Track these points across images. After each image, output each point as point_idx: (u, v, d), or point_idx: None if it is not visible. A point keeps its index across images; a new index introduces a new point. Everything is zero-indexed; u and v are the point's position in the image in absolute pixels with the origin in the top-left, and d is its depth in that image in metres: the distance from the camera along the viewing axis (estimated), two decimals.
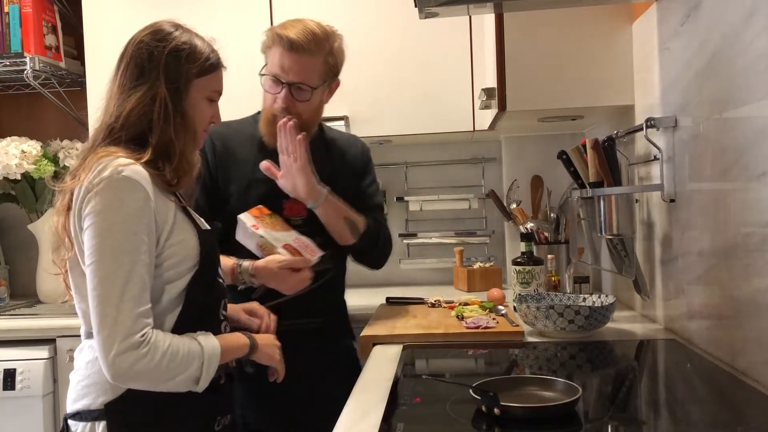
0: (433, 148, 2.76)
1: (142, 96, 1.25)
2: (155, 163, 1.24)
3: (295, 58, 1.64)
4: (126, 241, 1.15)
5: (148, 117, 1.25)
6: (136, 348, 1.12)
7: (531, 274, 1.95)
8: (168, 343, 1.15)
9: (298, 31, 1.64)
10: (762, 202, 1.17)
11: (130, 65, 1.28)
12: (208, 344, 1.21)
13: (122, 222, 1.16)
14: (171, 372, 1.15)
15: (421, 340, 1.65)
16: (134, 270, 1.15)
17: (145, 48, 1.28)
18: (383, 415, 1.12)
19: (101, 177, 1.17)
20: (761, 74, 1.15)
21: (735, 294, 1.28)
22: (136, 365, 1.12)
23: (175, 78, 1.27)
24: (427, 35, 2.38)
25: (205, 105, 1.33)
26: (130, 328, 1.12)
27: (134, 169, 1.19)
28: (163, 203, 1.23)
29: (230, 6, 2.46)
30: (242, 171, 1.72)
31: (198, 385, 1.19)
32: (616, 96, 1.87)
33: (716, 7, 1.32)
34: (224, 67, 1.37)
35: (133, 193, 1.17)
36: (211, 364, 1.20)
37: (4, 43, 2.51)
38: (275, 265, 1.56)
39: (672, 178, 1.58)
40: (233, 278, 1.59)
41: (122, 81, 1.28)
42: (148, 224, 1.18)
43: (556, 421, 1.05)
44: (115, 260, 1.14)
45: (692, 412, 1.15)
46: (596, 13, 1.86)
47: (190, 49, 1.29)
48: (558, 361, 1.49)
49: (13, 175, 2.49)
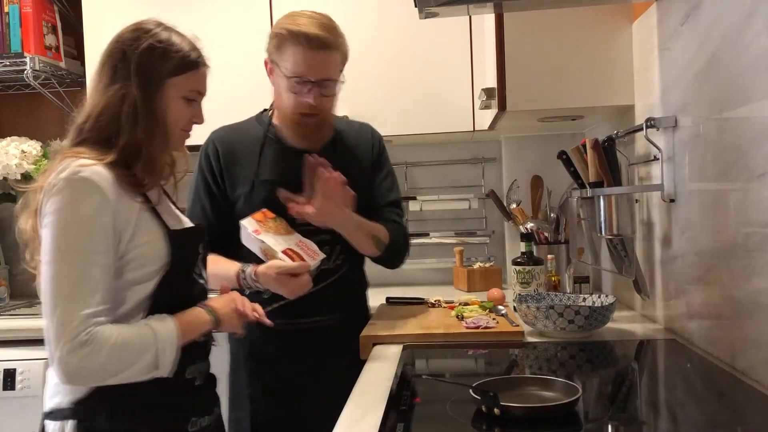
0: (433, 148, 2.76)
1: (112, 96, 1.25)
2: (121, 163, 1.23)
3: (318, 55, 1.61)
4: (79, 241, 1.15)
5: (117, 117, 1.24)
6: (80, 347, 1.11)
7: (531, 274, 1.95)
8: (115, 337, 1.14)
9: (312, 26, 1.60)
10: (762, 202, 1.17)
11: (106, 65, 1.28)
12: (162, 328, 1.20)
13: (76, 222, 1.15)
14: (124, 363, 1.15)
15: (421, 340, 1.64)
16: (86, 271, 1.14)
17: (120, 47, 1.27)
18: (383, 415, 1.12)
19: (59, 178, 1.17)
20: (761, 74, 1.15)
21: (735, 294, 1.28)
22: (81, 364, 1.12)
23: (147, 77, 1.25)
24: (427, 35, 2.38)
25: (182, 104, 1.30)
26: (75, 329, 1.11)
27: (94, 170, 1.18)
28: (127, 205, 1.22)
29: (230, 5, 2.46)
30: (246, 174, 1.69)
31: (158, 370, 1.18)
32: (616, 96, 1.87)
33: (716, 7, 1.32)
34: (206, 66, 1.35)
35: (89, 194, 1.17)
36: (167, 347, 1.19)
37: (4, 43, 2.52)
38: (273, 272, 1.54)
39: (672, 178, 1.58)
40: (239, 282, 1.58)
41: (98, 81, 1.28)
42: (105, 226, 1.17)
43: (556, 421, 1.05)
44: (67, 260, 1.14)
45: (692, 412, 1.15)
46: (596, 13, 1.86)
47: (164, 47, 1.27)
48: (558, 361, 1.49)
49: (13, 175, 2.49)
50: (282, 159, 1.71)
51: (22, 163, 2.49)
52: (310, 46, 1.59)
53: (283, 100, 1.67)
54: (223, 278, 1.56)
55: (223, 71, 2.43)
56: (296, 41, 1.60)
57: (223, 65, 2.44)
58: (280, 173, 1.69)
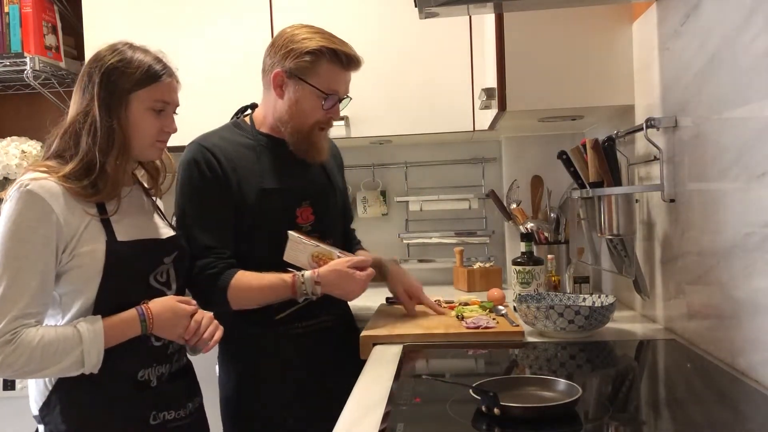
0: (433, 148, 2.76)
1: (78, 113, 1.37)
2: (79, 175, 1.34)
3: (350, 74, 1.71)
4: (15, 248, 1.26)
5: (78, 133, 1.36)
6: (4, 345, 1.22)
7: (531, 274, 1.95)
8: (39, 338, 1.24)
9: (345, 46, 1.67)
10: (762, 202, 1.17)
11: (79, 85, 1.40)
12: (89, 331, 1.28)
13: (14, 230, 1.26)
14: (47, 362, 1.25)
15: (421, 340, 1.64)
16: (18, 276, 1.25)
17: (88, 69, 1.39)
18: (383, 415, 1.12)
19: (11, 189, 1.30)
20: (761, 74, 1.15)
21: (735, 294, 1.28)
22: (6, 361, 1.23)
23: (108, 95, 1.36)
24: (427, 35, 2.38)
25: (150, 116, 1.40)
26: (2, 328, 1.23)
27: (41, 183, 1.29)
28: (77, 216, 1.32)
29: (230, 6, 2.46)
30: (251, 183, 1.67)
31: (84, 368, 1.28)
32: (616, 96, 1.87)
33: (716, 7, 1.32)
34: (171, 77, 1.43)
35: (31, 205, 1.27)
36: (92, 349, 1.27)
37: (4, 43, 2.52)
38: (343, 266, 1.61)
39: (672, 178, 1.58)
40: (294, 291, 1.60)
41: (72, 100, 1.41)
42: (45, 235, 1.27)
43: (556, 421, 1.05)
44: (2, 264, 1.26)
45: (692, 412, 1.14)
46: (596, 13, 1.86)
47: (123, 65, 1.37)
48: (558, 361, 1.49)
49: (13, 175, 2.49)
50: (283, 167, 1.72)
51: (22, 163, 2.49)
52: (349, 66, 1.68)
53: (303, 113, 1.68)
54: (274, 288, 1.60)
55: (222, 75, 2.45)
56: (336, 60, 1.65)
57: (224, 68, 2.45)
58: (284, 181, 1.71)
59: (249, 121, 1.76)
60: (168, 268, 1.43)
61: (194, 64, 2.38)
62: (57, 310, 1.33)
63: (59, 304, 1.33)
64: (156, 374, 1.40)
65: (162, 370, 1.41)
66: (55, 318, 1.34)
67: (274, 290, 1.61)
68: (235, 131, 1.73)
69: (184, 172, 1.66)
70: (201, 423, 1.53)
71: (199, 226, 1.62)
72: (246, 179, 1.66)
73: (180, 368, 1.48)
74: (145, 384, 1.38)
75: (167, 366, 1.43)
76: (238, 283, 1.60)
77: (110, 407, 1.35)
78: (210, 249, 1.61)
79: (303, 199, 1.72)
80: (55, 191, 1.29)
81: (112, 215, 1.37)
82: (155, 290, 1.40)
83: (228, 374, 1.73)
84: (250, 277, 1.61)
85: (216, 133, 1.72)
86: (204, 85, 2.39)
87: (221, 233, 1.64)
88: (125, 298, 1.35)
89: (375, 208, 2.73)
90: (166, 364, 1.43)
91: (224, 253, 1.63)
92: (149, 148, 1.43)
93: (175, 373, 1.45)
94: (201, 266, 1.60)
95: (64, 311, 1.33)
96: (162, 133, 1.43)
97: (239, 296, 1.60)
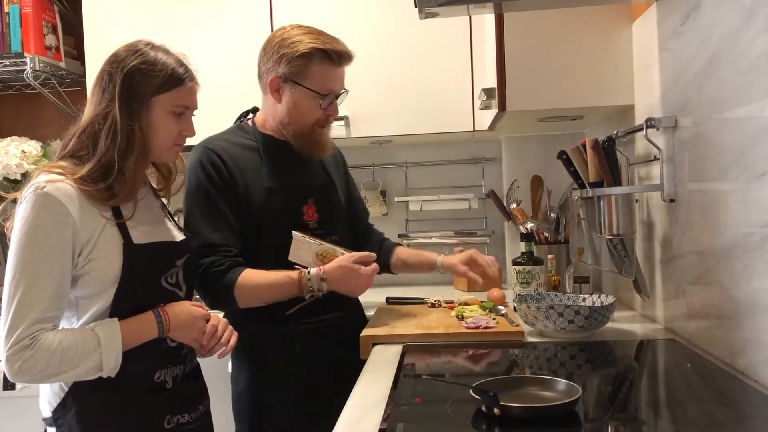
0: (433, 148, 2.76)
1: (97, 114, 1.34)
2: (95, 178, 1.31)
3: (343, 70, 1.72)
4: (32, 251, 1.23)
5: (97, 134, 1.33)
6: (23, 350, 1.20)
7: (531, 274, 1.95)
8: (57, 342, 1.22)
9: (335, 43, 1.68)
10: (762, 202, 1.17)
11: (97, 85, 1.37)
12: (107, 335, 1.27)
13: (30, 234, 1.24)
14: (66, 365, 1.23)
15: (421, 340, 1.65)
16: (36, 278, 1.22)
17: (107, 68, 1.36)
18: (383, 415, 1.12)
19: (27, 190, 1.27)
20: (761, 74, 1.15)
21: (735, 294, 1.28)
22: (24, 366, 1.21)
23: (130, 97, 1.33)
24: (427, 35, 2.38)
25: (170, 119, 1.38)
26: (21, 333, 1.20)
27: (57, 186, 1.26)
28: (92, 219, 1.29)
29: (230, 7, 2.46)
30: (257, 183, 1.69)
31: (102, 371, 1.26)
32: (616, 96, 1.87)
33: (716, 7, 1.32)
34: (193, 81, 1.42)
35: (48, 208, 1.24)
36: (110, 352, 1.26)
37: (4, 43, 2.51)
38: (348, 262, 1.62)
39: (672, 178, 1.58)
40: (300, 288, 1.61)
41: (90, 100, 1.38)
42: (61, 238, 1.25)
43: (556, 421, 1.05)
44: (20, 268, 1.23)
45: (692, 412, 1.14)
46: (596, 13, 1.86)
47: (147, 67, 1.35)
48: (558, 361, 1.49)
49: (13, 175, 2.49)
50: (286, 167, 1.74)
51: (22, 163, 2.49)
52: (341, 62, 1.69)
53: (302, 115, 1.71)
54: (281, 285, 1.60)
55: (225, 75, 2.44)
56: (327, 59, 1.67)
57: (225, 68, 2.45)
58: (288, 180, 1.73)
59: (251, 124, 1.80)
60: (178, 271, 1.43)
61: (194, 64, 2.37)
62: (72, 312, 1.32)
63: (75, 306, 1.31)
64: (171, 375, 1.39)
65: (177, 371, 1.41)
66: (70, 320, 1.32)
67: (281, 287, 1.61)
68: (239, 134, 1.77)
69: (191, 173, 1.69)
70: (207, 426, 1.52)
71: (206, 225, 1.63)
72: (252, 180, 1.69)
73: (192, 369, 1.48)
74: (161, 385, 1.37)
75: (181, 367, 1.42)
76: (244, 281, 1.60)
77: (127, 410, 1.32)
78: (216, 247, 1.62)
79: (308, 197, 1.75)
80: (71, 194, 1.27)
81: (128, 219, 1.35)
82: (167, 291, 1.40)
83: (240, 370, 1.74)
84: (257, 274, 1.61)
85: (221, 136, 1.76)
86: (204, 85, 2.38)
87: (228, 233, 1.65)
88: (140, 300, 1.34)
89: (375, 208, 2.73)
90: (180, 365, 1.42)
91: (231, 251, 1.64)
92: (167, 152, 1.42)
93: (188, 373, 1.45)
94: (207, 264, 1.60)
95: (80, 314, 1.31)
96: (180, 136, 1.42)
97: (246, 293, 1.61)
